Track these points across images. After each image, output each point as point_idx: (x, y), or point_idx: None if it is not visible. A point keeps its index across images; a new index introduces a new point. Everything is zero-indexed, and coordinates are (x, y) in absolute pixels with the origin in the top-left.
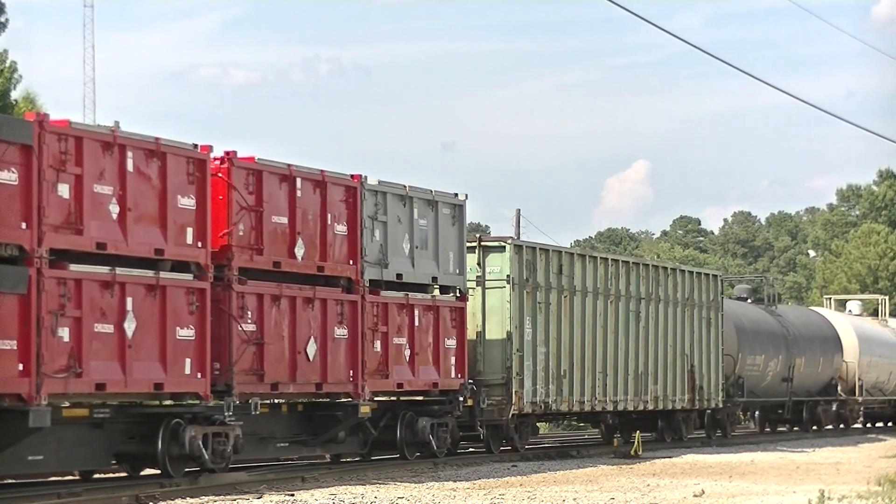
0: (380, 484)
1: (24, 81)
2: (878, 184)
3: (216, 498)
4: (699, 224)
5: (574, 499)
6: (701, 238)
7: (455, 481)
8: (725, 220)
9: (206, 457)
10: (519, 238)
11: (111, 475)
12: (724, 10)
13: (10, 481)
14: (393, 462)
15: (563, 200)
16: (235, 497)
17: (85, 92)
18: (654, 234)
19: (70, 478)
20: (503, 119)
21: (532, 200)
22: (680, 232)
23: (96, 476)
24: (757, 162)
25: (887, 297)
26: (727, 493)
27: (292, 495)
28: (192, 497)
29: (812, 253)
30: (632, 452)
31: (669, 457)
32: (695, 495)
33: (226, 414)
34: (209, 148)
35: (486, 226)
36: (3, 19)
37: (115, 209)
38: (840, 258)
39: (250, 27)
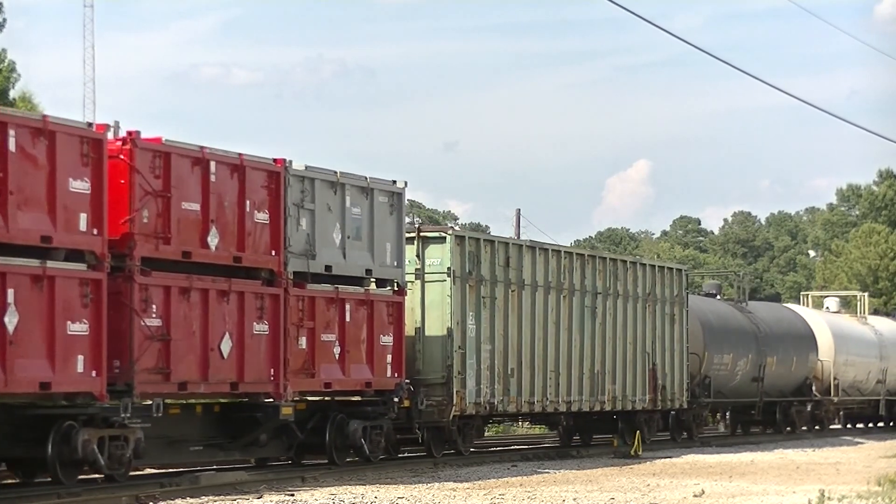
0: (380, 484)
1: (22, 80)
2: (878, 184)
3: (216, 498)
4: (699, 224)
5: (574, 499)
6: (701, 238)
7: (455, 481)
8: (725, 220)
9: (102, 462)
10: (519, 238)
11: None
12: (725, 10)
13: (9, 481)
14: (393, 462)
15: (563, 200)
16: (235, 497)
17: (85, 92)
18: (654, 234)
19: None
20: (504, 119)
21: (532, 200)
22: (680, 232)
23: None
24: (757, 162)
25: (866, 294)
26: (727, 493)
27: (292, 495)
28: (192, 497)
29: (812, 253)
30: (632, 452)
31: (669, 457)
32: (695, 495)
33: (123, 415)
34: (105, 127)
35: (486, 225)
36: (0, 19)
37: None
38: (840, 258)
39: (252, 27)
